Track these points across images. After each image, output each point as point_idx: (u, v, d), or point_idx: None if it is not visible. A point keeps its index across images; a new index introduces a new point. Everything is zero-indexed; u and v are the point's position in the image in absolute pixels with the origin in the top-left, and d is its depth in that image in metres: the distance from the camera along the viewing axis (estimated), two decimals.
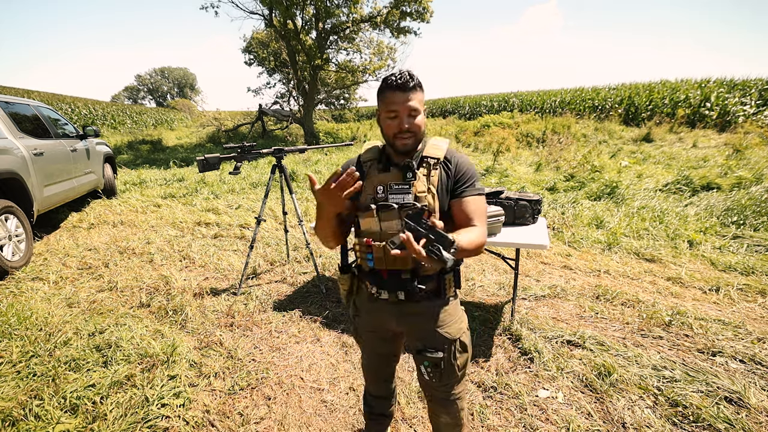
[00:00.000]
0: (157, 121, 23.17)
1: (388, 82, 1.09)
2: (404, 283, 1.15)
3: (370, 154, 1.23)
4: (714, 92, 12.53)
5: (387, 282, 1.17)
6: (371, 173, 1.19)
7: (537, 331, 2.42)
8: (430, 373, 1.21)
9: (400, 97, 1.07)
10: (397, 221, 1.10)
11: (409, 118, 1.09)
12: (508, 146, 10.50)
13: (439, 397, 1.29)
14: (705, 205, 4.94)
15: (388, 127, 1.12)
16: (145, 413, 1.79)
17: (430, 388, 1.29)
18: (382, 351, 1.40)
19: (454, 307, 1.24)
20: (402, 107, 1.08)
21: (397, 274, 1.16)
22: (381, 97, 1.13)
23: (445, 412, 1.31)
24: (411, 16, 13.37)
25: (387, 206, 1.10)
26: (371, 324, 1.31)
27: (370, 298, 1.25)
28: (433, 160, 1.15)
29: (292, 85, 19.03)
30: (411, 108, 1.08)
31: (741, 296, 2.86)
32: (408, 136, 1.10)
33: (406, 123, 1.09)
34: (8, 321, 2.47)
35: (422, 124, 1.13)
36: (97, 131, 5.60)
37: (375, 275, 1.19)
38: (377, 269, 1.17)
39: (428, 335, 1.21)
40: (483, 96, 20.98)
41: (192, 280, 3.26)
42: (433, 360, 1.19)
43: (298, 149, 3.07)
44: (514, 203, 2.61)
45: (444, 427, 1.35)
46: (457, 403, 1.30)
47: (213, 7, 13.21)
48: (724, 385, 1.90)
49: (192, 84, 56.78)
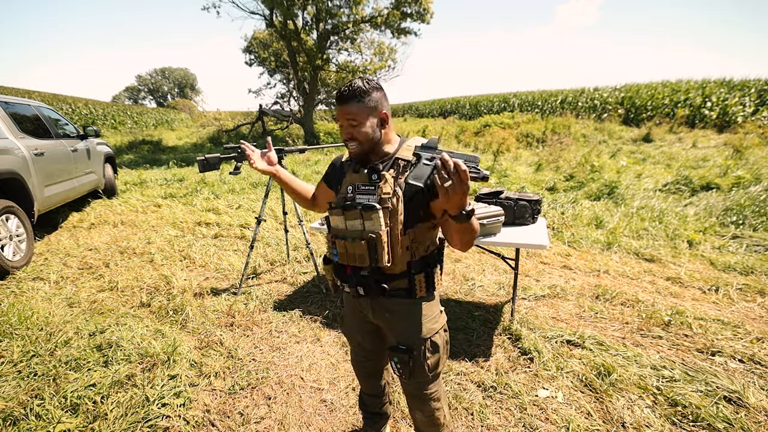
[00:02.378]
0: (157, 122, 23.18)
1: (335, 94, 1.17)
2: (363, 280, 1.20)
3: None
4: (714, 92, 12.54)
5: (350, 277, 1.24)
6: (348, 173, 1.25)
7: (537, 331, 2.43)
8: (399, 369, 1.24)
9: (340, 109, 1.15)
10: (359, 221, 1.15)
11: (350, 128, 1.15)
12: (508, 146, 10.50)
13: (411, 393, 1.32)
14: (704, 205, 4.95)
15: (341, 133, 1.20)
16: (146, 413, 1.80)
17: (402, 383, 1.33)
18: (367, 345, 1.43)
19: (428, 308, 1.24)
20: (342, 118, 1.15)
21: (359, 270, 1.21)
22: None
23: (418, 409, 1.33)
24: (411, 17, 13.37)
25: (352, 206, 1.16)
26: (353, 315, 1.38)
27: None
28: (404, 162, 1.16)
29: (292, 86, 19.04)
30: (349, 119, 1.14)
31: (740, 296, 2.87)
32: (352, 145, 1.16)
33: (346, 133, 1.16)
34: (9, 321, 2.48)
35: (368, 132, 1.14)
36: (98, 131, 5.60)
37: (340, 269, 1.27)
38: (341, 264, 1.25)
39: (400, 332, 1.24)
40: (483, 96, 20.98)
41: (192, 279, 3.27)
42: (401, 357, 1.22)
43: (298, 149, 3.08)
44: (514, 203, 2.61)
45: (420, 423, 1.38)
46: (431, 403, 1.30)
47: (215, 7, 13.22)
48: (724, 385, 1.91)
49: (192, 84, 56.78)
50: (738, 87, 12.70)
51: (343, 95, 1.13)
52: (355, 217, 1.15)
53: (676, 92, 13.55)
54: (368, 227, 1.13)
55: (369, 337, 1.40)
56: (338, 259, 1.23)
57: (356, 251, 1.16)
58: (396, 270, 1.18)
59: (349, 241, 1.16)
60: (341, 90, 1.14)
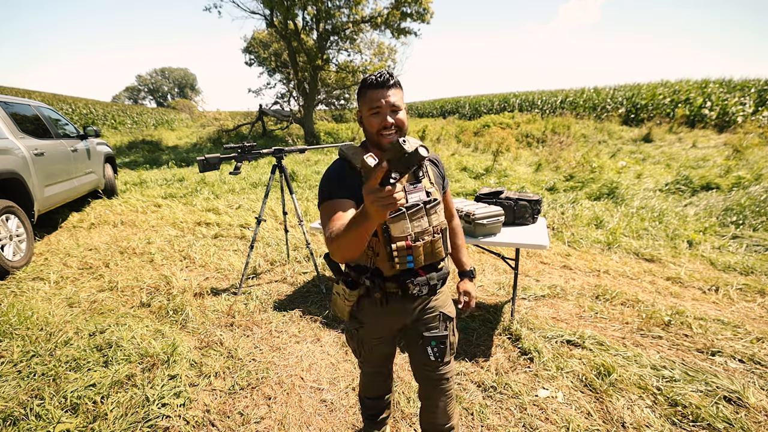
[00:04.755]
0: (157, 122, 23.17)
1: (367, 82, 1.11)
2: (437, 274, 1.24)
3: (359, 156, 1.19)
4: (714, 92, 12.54)
5: (423, 277, 1.21)
6: None
7: (537, 331, 2.43)
8: (436, 352, 1.26)
9: (381, 93, 1.09)
10: (425, 219, 1.16)
11: (392, 114, 1.10)
12: (508, 146, 10.50)
13: (435, 378, 1.31)
14: (704, 205, 4.95)
15: (371, 124, 1.12)
16: (146, 413, 1.80)
17: (429, 371, 1.30)
18: (386, 352, 1.42)
19: (447, 288, 1.34)
20: (384, 103, 1.09)
21: (432, 266, 1.23)
22: (362, 96, 1.13)
23: (443, 393, 1.33)
24: (411, 17, 13.36)
25: (415, 205, 1.15)
26: (378, 331, 1.31)
27: (379, 303, 1.23)
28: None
29: (292, 86, 19.05)
30: (392, 104, 1.09)
31: (740, 296, 2.87)
32: (392, 132, 1.11)
33: (390, 118, 1.10)
34: (9, 321, 2.48)
35: (405, 120, 1.14)
36: (98, 131, 5.60)
37: (408, 275, 1.19)
38: (415, 268, 1.19)
39: (433, 317, 1.27)
40: (484, 96, 20.97)
41: (192, 279, 3.27)
42: (440, 339, 1.26)
43: (299, 149, 3.08)
44: (514, 203, 2.61)
45: (442, 411, 1.34)
46: (451, 381, 1.34)
47: (216, 7, 13.22)
48: (723, 385, 1.91)
49: (192, 84, 56.81)
50: (738, 87, 12.70)
51: (384, 79, 1.08)
52: (421, 216, 1.16)
53: (676, 92, 13.56)
54: (434, 222, 1.18)
55: (388, 345, 1.39)
56: (413, 265, 1.16)
57: (434, 248, 1.18)
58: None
59: (425, 242, 1.16)
60: (379, 75, 1.08)
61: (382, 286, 1.19)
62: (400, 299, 1.22)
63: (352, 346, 1.39)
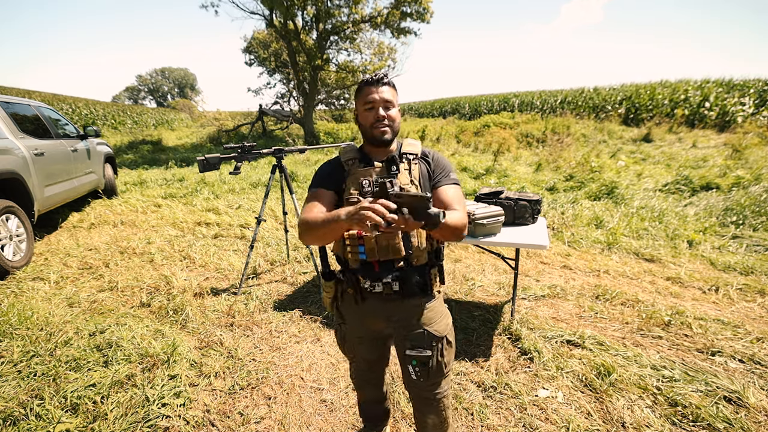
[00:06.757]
0: (157, 122, 23.17)
1: (364, 81, 1.21)
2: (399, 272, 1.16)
3: (350, 154, 1.27)
4: (713, 92, 12.54)
5: (380, 274, 1.17)
6: (353, 171, 1.23)
7: (537, 331, 2.43)
8: (418, 372, 1.22)
9: (376, 89, 1.18)
10: None
11: (385, 108, 1.19)
12: (508, 146, 10.50)
13: (424, 396, 1.29)
14: (704, 205, 4.95)
15: (365, 118, 1.21)
16: (146, 413, 1.80)
17: (416, 388, 1.29)
18: (371, 356, 1.39)
19: (439, 304, 1.27)
20: (377, 98, 1.18)
21: (391, 264, 1.17)
22: (358, 95, 1.23)
23: (432, 412, 1.30)
24: (411, 17, 13.36)
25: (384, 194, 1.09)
26: (358, 330, 1.31)
27: (356, 300, 1.23)
28: (412, 155, 1.24)
29: (292, 86, 19.05)
30: (385, 99, 1.18)
31: (740, 296, 2.87)
32: (385, 125, 1.19)
33: (379, 114, 1.18)
34: (9, 321, 2.48)
35: (397, 117, 1.23)
36: (98, 131, 5.60)
37: (367, 269, 1.19)
38: (369, 261, 1.17)
39: (416, 335, 1.22)
40: (484, 96, 20.98)
41: (192, 279, 3.27)
42: (421, 359, 1.20)
43: (298, 149, 3.08)
44: (514, 203, 2.61)
45: (431, 428, 1.33)
46: (443, 401, 1.30)
47: (213, 6, 13.21)
48: (723, 385, 1.91)
49: (192, 84, 56.81)
50: (738, 87, 12.71)
51: (378, 78, 1.19)
52: None
53: (676, 92, 13.56)
54: None
55: (373, 346, 1.36)
56: (365, 257, 1.15)
57: (390, 242, 1.12)
58: (421, 261, 1.20)
59: (379, 234, 1.11)
60: (372, 75, 1.19)
61: (352, 279, 1.21)
62: (373, 298, 1.21)
63: (338, 341, 1.41)
